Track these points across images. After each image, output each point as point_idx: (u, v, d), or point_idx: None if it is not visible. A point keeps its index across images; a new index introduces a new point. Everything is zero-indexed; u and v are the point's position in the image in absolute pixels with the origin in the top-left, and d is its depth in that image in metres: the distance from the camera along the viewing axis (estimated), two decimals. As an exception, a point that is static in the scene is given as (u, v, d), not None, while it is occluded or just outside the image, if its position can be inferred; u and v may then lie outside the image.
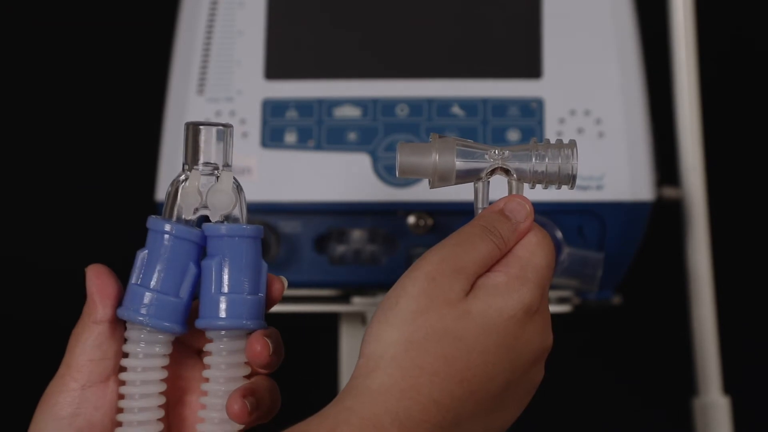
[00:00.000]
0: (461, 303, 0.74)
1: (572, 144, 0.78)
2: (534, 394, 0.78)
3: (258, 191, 1.10)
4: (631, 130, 1.09)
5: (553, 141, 0.77)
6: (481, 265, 0.75)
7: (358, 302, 1.16)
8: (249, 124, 1.11)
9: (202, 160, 0.78)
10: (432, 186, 0.79)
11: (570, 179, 0.78)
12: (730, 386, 1.23)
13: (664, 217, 1.18)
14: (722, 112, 1.64)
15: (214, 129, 0.78)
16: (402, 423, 0.71)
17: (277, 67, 1.12)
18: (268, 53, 1.13)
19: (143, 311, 0.77)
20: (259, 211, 1.11)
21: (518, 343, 0.75)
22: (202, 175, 0.78)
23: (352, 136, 1.10)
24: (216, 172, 0.79)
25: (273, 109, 1.11)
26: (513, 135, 1.09)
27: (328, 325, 1.37)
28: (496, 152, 0.78)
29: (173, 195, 0.78)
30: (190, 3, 1.15)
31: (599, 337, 1.86)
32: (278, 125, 1.11)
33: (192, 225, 0.78)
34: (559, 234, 1.07)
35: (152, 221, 0.78)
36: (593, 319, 1.62)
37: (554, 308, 1.13)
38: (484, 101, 1.10)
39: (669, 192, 1.18)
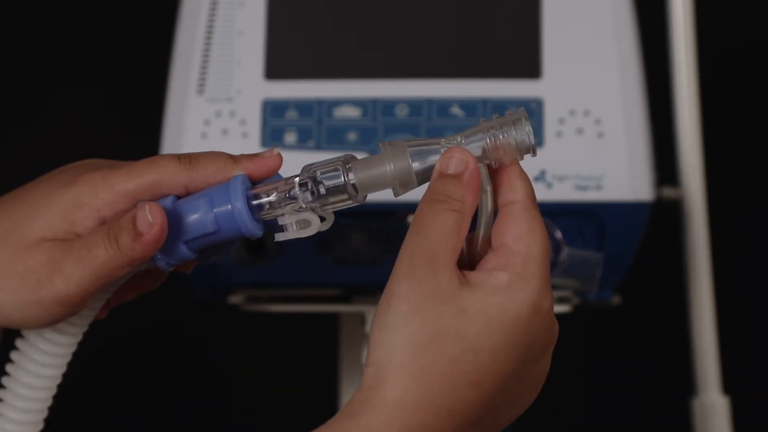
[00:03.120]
0: (455, 298, 0.72)
1: (521, 113, 0.75)
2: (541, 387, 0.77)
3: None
4: (631, 130, 1.09)
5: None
6: (449, 241, 0.73)
7: (358, 302, 1.16)
8: (249, 124, 1.11)
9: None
10: (396, 194, 0.77)
11: (530, 148, 0.75)
12: (729, 386, 1.23)
13: (663, 217, 1.18)
14: (722, 112, 1.64)
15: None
16: None
17: (277, 67, 1.12)
18: (268, 53, 1.13)
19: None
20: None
21: (528, 340, 0.73)
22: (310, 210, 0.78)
23: (352, 136, 1.10)
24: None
25: (273, 110, 1.11)
26: (513, 135, 1.09)
27: (328, 325, 1.37)
28: (449, 142, 0.76)
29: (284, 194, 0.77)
30: (190, 3, 1.15)
31: (599, 337, 1.86)
32: (278, 125, 1.11)
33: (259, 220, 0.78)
34: (558, 234, 1.07)
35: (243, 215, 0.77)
36: (593, 319, 1.62)
37: (554, 308, 1.13)
38: (484, 101, 1.10)
39: (668, 192, 1.18)
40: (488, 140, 0.75)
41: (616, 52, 1.10)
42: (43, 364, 0.80)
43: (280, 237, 0.78)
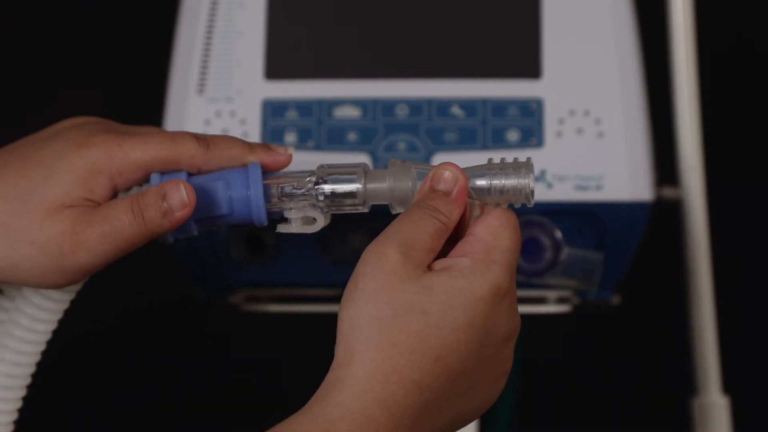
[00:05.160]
0: (421, 278, 0.74)
1: (528, 162, 0.79)
2: (504, 384, 0.79)
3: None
4: (631, 130, 1.09)
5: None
6: (427, 240, 0.76)
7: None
8: (249, 124, 1.11)
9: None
10: (393, 211, 0.80)
11: (527, 197, 0.78)
12: (729, 386, 1.23)
13: (663, 217, 1.18)
14: (722, 112, 1.64)
15: None
16: (390, 410, 0.72)
17: (277, 67, 1.12)
18: (268, 53, 1.13)
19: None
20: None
21: (488, 323, 0.75)
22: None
23: (351, 136, 1.10)
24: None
25: (273, 110, 1.11)
26: (512, 135, 1.09)
27: (328, 325, 1.37)
28: None
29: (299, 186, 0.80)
30: (190, 3, 1.15)
31: (599, 337, 1.86)
32: (278, 125, 1.11)
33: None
34: (558, 234, 1.07)
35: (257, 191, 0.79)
36: (593, 319, 1.62)
37: (554, 308, 1.13)
38: (484, 101, 1.10)
39: (668, 192, 1.18)
40: (490, 180, 0.78)
41: (616, 52, 1.10)
42: (37, 318, 0.81)
43: (282, 229, 0.80)
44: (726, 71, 1.81)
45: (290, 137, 1.11)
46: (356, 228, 1.12)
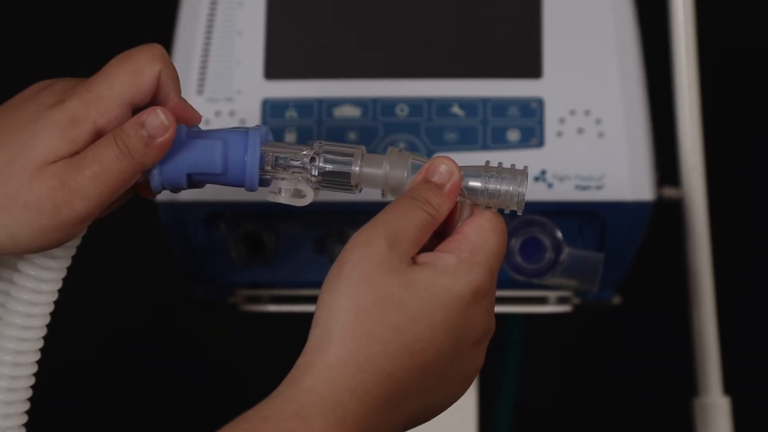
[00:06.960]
0: (405, 272, 0.75)
1: (525, 171, 0.79)
2: (472, 382, 0.79)
3: (258, 191, 1.10)
4: (631, 130, 1.09)
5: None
6: (414, 232, 0.76)
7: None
8: (249, 124, 1.11)
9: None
10: (384, 197, 0.81)
11: (519, 205, 0.79)
12: (730, 386, 1.23)
13: (664, 217, 1.18)
14: (723, 112, 1.64)
15: None
16: (360, 398, 0.73)
17: (276, 67, 1.12)
18: (267, 53, 1.12)
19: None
20: (259, 211, 1.11)
21: (464, 323, 0.76)
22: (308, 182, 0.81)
23: (351, 136, 1.10)
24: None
25: (273, 109, 1.11)
26: (513, 135, 1.09)
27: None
28: None
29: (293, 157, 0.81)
30: (189, 3, 1.15)
31: (600, 337, 1.86)
32: (278, 125, 1.11)
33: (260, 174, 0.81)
34: (559, 234, 1.07)
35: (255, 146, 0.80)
36: (594, 319, 1.62)
37: (555, 308, 1.13)
38: (484, 101, 1.10)
39: (669, 192, 1.18)
40: (486, 182, 0.79)
41: (616, 52, 1.10)
42: (41, 279, 0.80)
43: (271, 198, 0.81)
44: (727, 71, 1.81)
45: (290, 137, 1.10)
46: (355, 228, 1.12)
